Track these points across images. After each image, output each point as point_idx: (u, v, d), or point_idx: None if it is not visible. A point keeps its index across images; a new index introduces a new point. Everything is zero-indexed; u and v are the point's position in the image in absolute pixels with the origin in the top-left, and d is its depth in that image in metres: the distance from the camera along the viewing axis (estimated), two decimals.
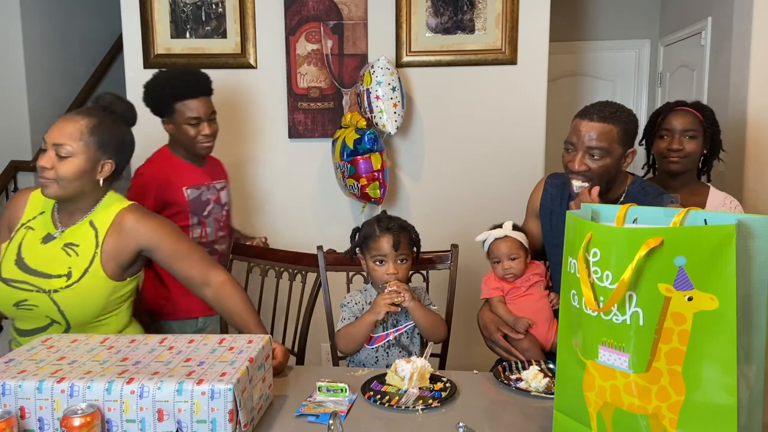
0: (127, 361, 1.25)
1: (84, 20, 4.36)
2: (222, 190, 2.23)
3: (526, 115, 2.80)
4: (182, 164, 2.12)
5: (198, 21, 2.83)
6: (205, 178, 2.16)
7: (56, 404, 1.12)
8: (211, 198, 2.16)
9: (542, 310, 1.77)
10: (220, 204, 2.20)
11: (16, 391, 1.12)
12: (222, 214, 2.22)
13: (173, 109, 2.04)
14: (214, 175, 2.22)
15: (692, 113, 1.99)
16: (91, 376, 1.15)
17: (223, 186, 2.24)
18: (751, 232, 0.95)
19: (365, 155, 2.50)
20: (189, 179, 2.11)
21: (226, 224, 2.25)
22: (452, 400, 1.39)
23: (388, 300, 1.65)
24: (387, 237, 1.71)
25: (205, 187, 2.15)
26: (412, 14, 2.76)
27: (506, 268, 1.77)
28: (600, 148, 1.63)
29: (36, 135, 3.91)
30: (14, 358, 1.26)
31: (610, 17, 4.50)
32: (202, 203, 2.13)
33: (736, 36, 3.15)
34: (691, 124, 1.97)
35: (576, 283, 1.09)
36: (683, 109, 2.00)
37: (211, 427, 1.12)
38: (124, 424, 1.12)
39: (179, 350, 1.30)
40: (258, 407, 1.28)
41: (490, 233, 1.81)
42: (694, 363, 0.97)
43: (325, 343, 2.39)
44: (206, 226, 2.15)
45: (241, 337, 1.37)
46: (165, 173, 2.07)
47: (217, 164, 2.29)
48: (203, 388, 1.11)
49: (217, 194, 2.19)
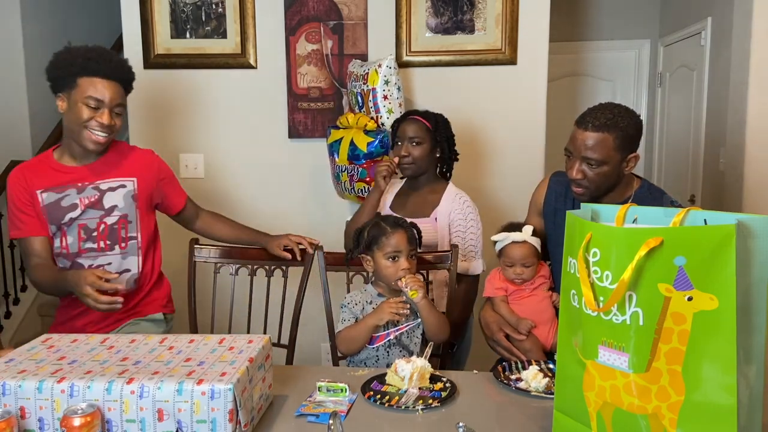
0: (127, 360, 1.25)
1: (84, 20, 4.36)
2: (114, 191, 1.85)
3: (526, 115, 2.80)
4: (53, 164, 1.84)
5: (198, 21, 2.83)
6: (79, 178, 1.82)
7: (56, 404, 1.12)
8: (82, 202, 1.81)
9: (544, 310, 1.77)
10: (99, 208, 1.83)
11: (16, 391, 1.12)
12: (101, 222, 1.83)
13: (75, 84, 1.74)
14: (106, 173, 1.85)
15: (420, 121, 2.12)
16: (91, 376, 1.15)
17: (121, 186, 1.86)
18: (751, 231, 0.95)
19: (378, 158, 2.49)
20: (49, 180, 1.82)
21: (108, 235, 1.85)
22: (452, 400, 1.39)
23: (394, 309, 1.66)
24: (400, 233, 1.72)
25: (74, 189, 1.81)
26: (412, 14, 2.76)
27: (518, 273, 1.76)
28: (595, 158, 1.62)
29: (36, 135, 3.91)
30: (14, 358, 1.26)
31: (610, 17, 4.50)
32: (62, 209, 1.81)
33: (736, 36, 3.15)
34: (417, 131, 2.10)
35: (576, 283, 1.09)
36: (413, 118, 2.14)
37: (211, 427, 1.12)
38: (124, 424, 1.12)
39: (179, 350, 1.31)
40: (258, 407, 1.28)
41: (509, 235, 1.78)
42: (693, 363, 0.97)
43: (325, 343, 2.39)
44: (67, 235, 1.82)
45: (242, 337, 1.37)
46: (26, 174, 1.83)
47: (124, 159, 1.90)
48: (203, 388, 1.12)
49: (99, 196, 1.83)
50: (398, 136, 2.14)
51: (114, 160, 1.88)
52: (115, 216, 1.85)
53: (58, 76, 1.78)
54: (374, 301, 1.76)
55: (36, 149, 3.89)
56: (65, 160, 1.86)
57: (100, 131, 1.76)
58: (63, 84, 1.76)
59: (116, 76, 1.77)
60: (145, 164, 1.94)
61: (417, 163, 2.11)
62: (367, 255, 1.77)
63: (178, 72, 2.87)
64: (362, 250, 1.78)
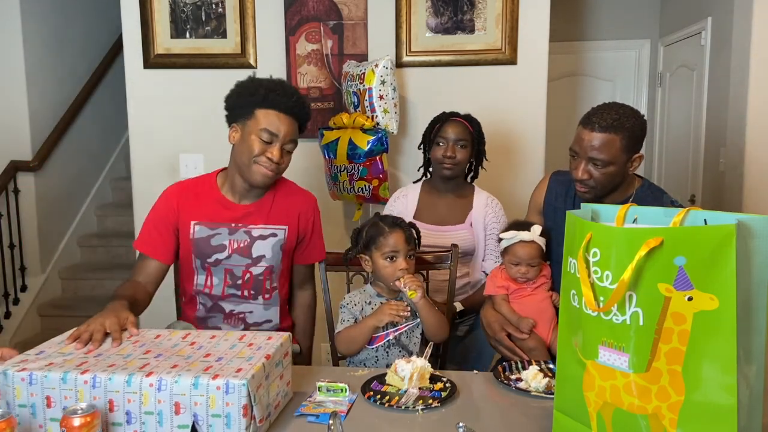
0: (150, 354, 1.28)
1: (84, 20, 4.36)
2: (264, 240, 1.79)
3: (526, 115, 2.80)
4: (215, 194, 1.79)
5: (198, 21, 2.83)
6: (234, 218, 1.77)
7: (80, 394, 1.17)
8: (231, 245, 1.77)
9: (545, 310, 1.77)
10: (247, 256, 1.78)
11: (42, 381, 1.17)
12: (247, 270, 1.79)
13: (252, 115, 1.69)
14: (261, 218, 1.79)
15: (463, 124, 2.12)
16: (114, 369, 1.19)
17: (272, 234, 1.79)
18: (751, 232, 0.95)
19: (379, 156, 2.49)
20: (206, 214, 1.77)
21: (252, 285, 1.80)
22: (452, 400, 1.39)
23: (394, 311, 1.66)
24: (398, 232, 1.72)
25: (227, 228, 1.77)
26: (412, 14, 2.76)
27: (523, 273, 1.76)
28: (602, 159, 1.62)
29: (36, 135, 3.91)
30: (44, 350, 1.30)
31: (610, 17, 4.50)
32: (211, 247, 1.77)
33: (736, 36, 3.15)
34: (463, 134, 2.10)
35: (576, 283, 1.09)
36: (457, 120, 2.13)
37: (225, 421, 1.15)
38: (142, 415, 1.16)
39: (200, 345, 1.34)
40: (275, 404, 1.30)
41: (518, 234, 1.77)
42: (694, 363, 0.97)
43: (325, 343, 2.39)
44: (213, 276, 1.79)
45: (261, 334, 1.40)
46: (183, 196, 1.78)
47: (282, 203, 1.82)
48: (218, 383, 1.14)
49: (248, 242, 1.78)
50: (440, 136, 2.11)
51: (271, 203, 1.81)
52: (262, 267, 1.80)
53: (236, 104, 1.73)
54: (373, 301, 1.76)
55: (36, 149, 3.89)
56: (226, 192, 1.80)
57: (268, 167, 1.69)
58: (239, 114, 1.72)
59: (294, 111, 1.72)
60: (302, 212, 1.85)
61: (461, 164, 2.12)
62: (365, 255, 1.77)
63: (178, 72, 2.87)
64: (360, 250, 1.78)
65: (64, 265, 4.15)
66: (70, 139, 4.20)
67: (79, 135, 4.30)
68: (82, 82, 4.36)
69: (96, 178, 4.58)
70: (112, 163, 4.76)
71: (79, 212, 4.36)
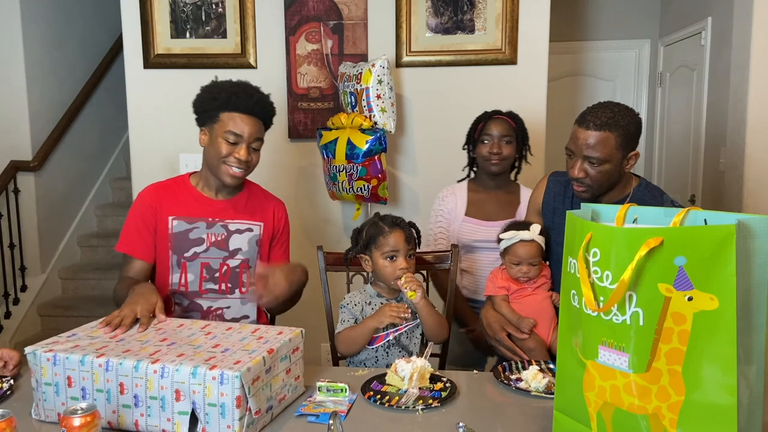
0: (165, 342, 1.35)
1: (84, 20, 4.36)
2: (241, 234, 1.82)
3: (526, 115, 2.77)
4: (191, 191, 1.84)
5: (198, 21, 2.83)
6: (211, 213, 1.81)
7: (95, 377, 1.25)
8: (209, 238, 1.80)
9: (545, 310, 1.77)
10: (224, 249, 1.81)
11: (64, 362, 1.27)
12: (224, 263, 1.80)
13: (217, 118, 1.74)
14: (237, 213, 1.83)
15: (507, 121, 2.18)
16: (127, 354, 1.27)
17: (248, 229, 1.84)
18: (751, 232, 0.95)
19: (377, 156, 2.50)
20: (184, 209, 1.80)
21: (230, 278, 1.81)
22: (452, 400, 1.39)
23: (395, 313, 1.66)
24: (398, 232, 1.72)
25: (204, 223, 1.80)
26: (412, 14, 2.76)
27: (525, 272, 1.76)
28: (597, 157, 1.63)
29: (36, 135, 3.91)
30: (76, 333, 1.40)
31: (610, 17, 4.50)
32: (189, 241, 1.79)
33: (736, 36, 3.15)
34: (507, 130, 2.16)
35: (576, 283, 1.09)
36: (500, 118, 2.19)
37: (220, 410, 1.19)
38: (148, 400, 1.23)
39: (214, 336, 1.39)
40: (280, 397, 1.32)
41: (517, 233, 1.77)
42: (694, 363, 0.97)
43: (325, 343, 2.39)
44: (187, 272, 1.79)
45: (273, 329, 1.44)
46: (159, 195, 1.81)
47: (256, 203, 1.89)
48: (214, 374, 1.18)
49: (225, 236, 1.81)
50: (485, 134, 2.16)
51: (246, 201, 1.87)
52: (238, 260, 1.82)
53: (202, 109, 1.79)
54: (373, 301, 1.76)
55: (36, 149, 3.89)
56: (202, 189, 1.85)
57: (237, 166, 1.75)
58: (206, 118, 1.77)
59: (256, 111, 1.77)
60: (275, 212, 1.91)
61: (507, 160, 2.17)
62: (365, 255, 1.77)
63: (178, 72, 2.87)
64: (360, 250, 1.78)
65: (64, 265, 4.15)
66: (70, 139, 4.20)
67: (79, 135, 4.30)
68: (82, 82, 4.36)
69: (96, 178, 4.58)
70: (112, 163, 4.76)
71: (79, 212, 4.36)
